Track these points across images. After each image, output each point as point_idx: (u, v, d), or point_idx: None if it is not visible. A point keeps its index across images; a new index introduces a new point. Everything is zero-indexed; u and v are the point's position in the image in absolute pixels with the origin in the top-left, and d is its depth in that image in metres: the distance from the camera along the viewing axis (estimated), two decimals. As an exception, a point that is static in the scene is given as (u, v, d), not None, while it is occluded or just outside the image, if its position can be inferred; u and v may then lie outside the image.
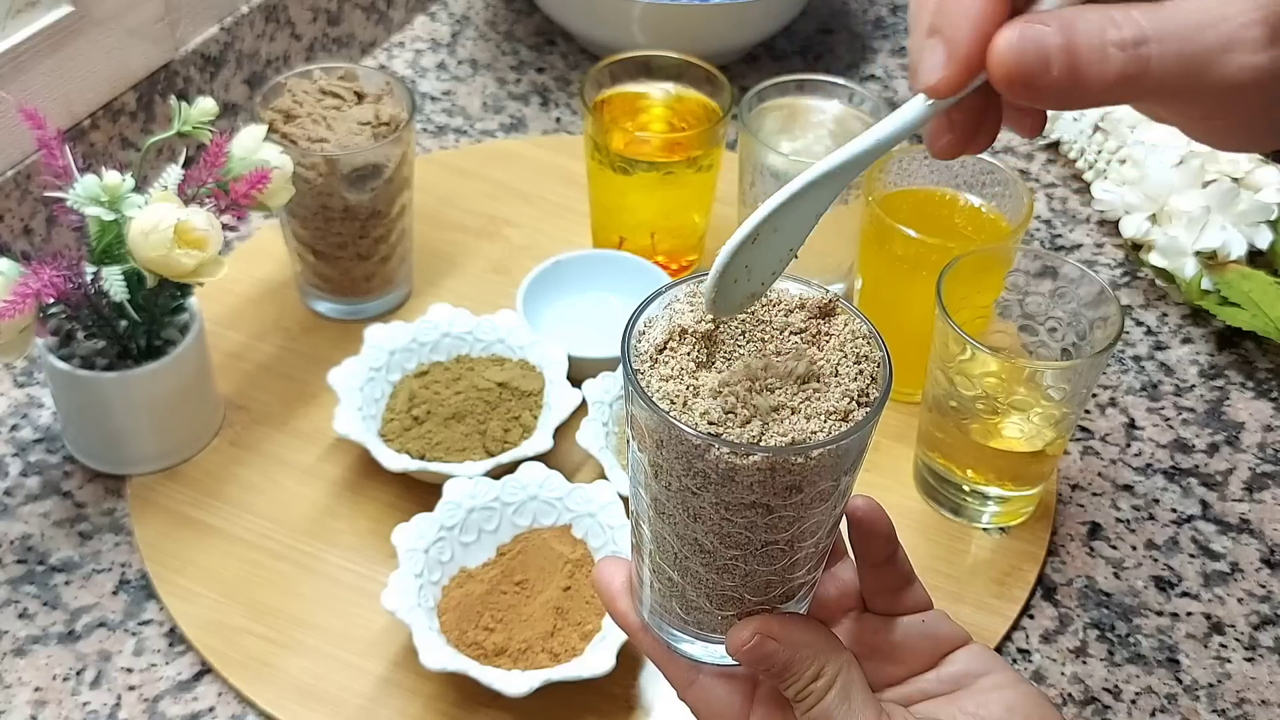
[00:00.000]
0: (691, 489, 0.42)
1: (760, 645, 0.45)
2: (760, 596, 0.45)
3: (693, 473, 0.41)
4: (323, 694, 0.67)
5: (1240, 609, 0.74)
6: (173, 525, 0.74)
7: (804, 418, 0.41)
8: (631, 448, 0.44)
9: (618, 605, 0.50)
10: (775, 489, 0.41)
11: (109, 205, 0.68)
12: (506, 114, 1.06)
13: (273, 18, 0.99)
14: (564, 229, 0.94)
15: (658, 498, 0.44)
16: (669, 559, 0.45)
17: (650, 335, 0.44)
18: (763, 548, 0.43)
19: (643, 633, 0.50)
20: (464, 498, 0.70)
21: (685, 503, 0.42)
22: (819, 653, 0.46)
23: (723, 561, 0.44)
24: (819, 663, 0.46)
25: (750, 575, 0.44)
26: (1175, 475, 0.81)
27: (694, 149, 0.83)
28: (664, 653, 0.49)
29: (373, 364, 0.78)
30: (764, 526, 0.42)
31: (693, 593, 0.46)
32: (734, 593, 0.45)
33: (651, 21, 1.01)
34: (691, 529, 0.43)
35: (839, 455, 0.41)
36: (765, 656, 0.45)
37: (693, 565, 0.45)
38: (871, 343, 0.44)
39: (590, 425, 0.75)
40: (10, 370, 0.82)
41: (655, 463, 0.42)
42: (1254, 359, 0.89)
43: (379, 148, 0.79)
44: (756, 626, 0.45)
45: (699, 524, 0.43)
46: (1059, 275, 0.73)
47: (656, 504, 0.44)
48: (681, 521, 0.43)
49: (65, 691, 0.67)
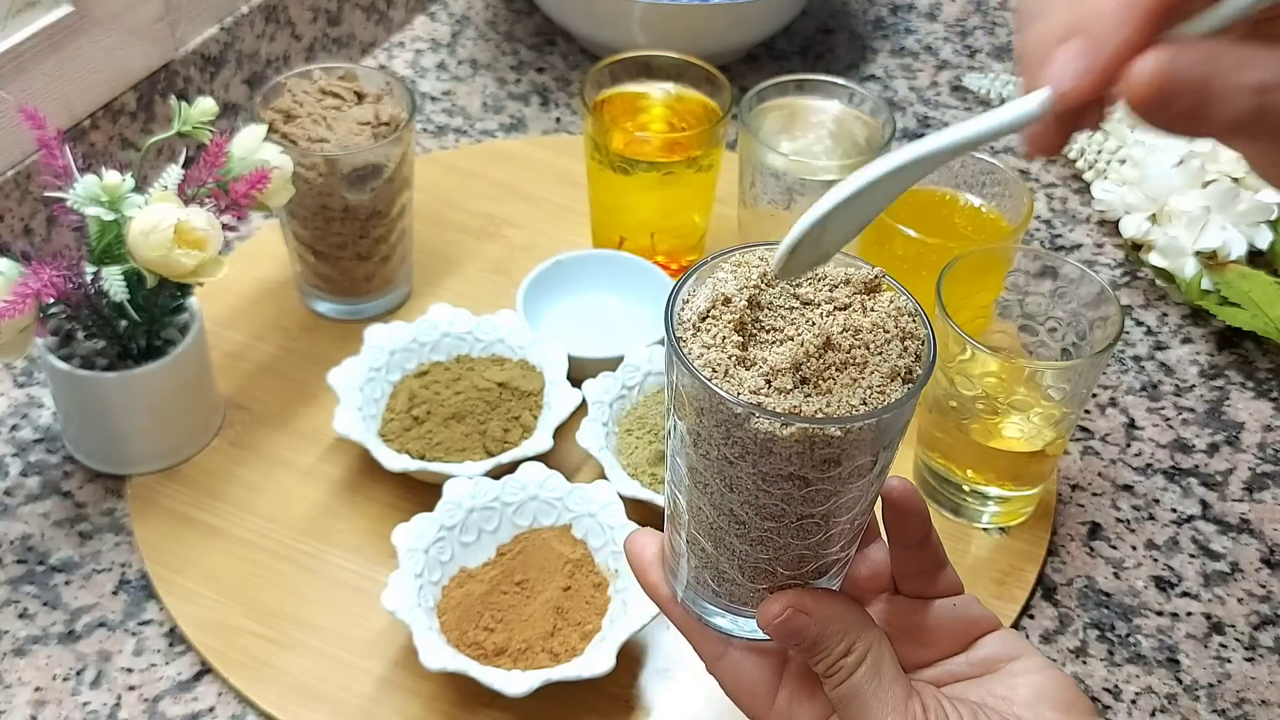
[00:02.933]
0: (729, 458, 0.42)
1: (792, 619, 0.45)
2: (793, 571, 0.45)
3: (731, 442, 0.41)
4: (323, 694, 0.67)
5: (1240, 609, 0.74)
6: (173, 525, 0.74)
7: (846, 391, 0.41)
8: (670, 417, 0.44)
9: (649, 576, 0.50)
10: (813, 461, 0.41)
11: (109, 205, 0.68)
12: (506, 114, 1.06)
13: (273, 18, 0.99)
14: (564, 229, 0.94)
15: (695, 467, 0.44)
16: (704, 530, 0.45)
17: (694, 304, 0.43)
18: (798, 521, 0.43)
19: (673, 605, 0.50)
20: (464, 498, 0.70)
21: (722, 472, 0.42)
22: (850, 628, 0.46)
23: (757, 534, 0.44)
24: (850, 638, 0.46)
25: (784, 549, 0.44)
26: (1175, 475, 0.81)
27: (694, 149, 0.83)
28: (694, 625, 0.49)
29: (373, 364, 0.78)
30: (800, 499, 0.42)
31: (726, 565, 0.46)
32: (767, 566, 0.45)
33: (651, 21, 1.01)
34: (727, 499, 0.43)
35: (878, 430, 0.41)
36: (796, 631, 0.46)
37: (727, 537, 0.45)
38: (916, 320, 0.43)
39: (590, 425, 0.75)
40: (10, 370, 0.82)
41: (694, 431, 0.42)
42: (1254, 359, 0.89)
43: (379, 148, 0.79)
44: (788, 600, 0.45)
45: (735, 494, 0.43)
46: (1059, 275, 0.73)
47: (693, 473, 0.44)
48: (718, 491, 0.43)
49: (65, 691, 0.67)
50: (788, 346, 0.42)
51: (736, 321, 0.42)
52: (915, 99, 1.09)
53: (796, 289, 0.44)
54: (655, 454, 0.75)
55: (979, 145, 0.39)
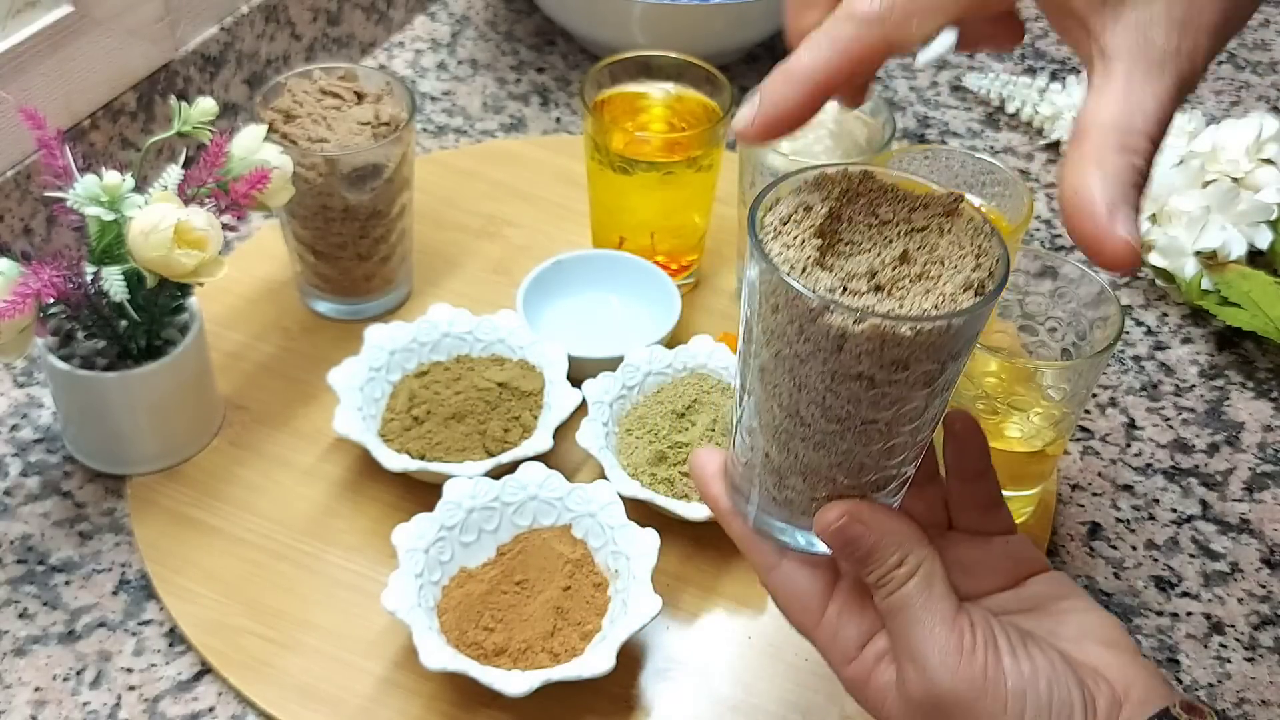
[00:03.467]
0: (801, 355, 0.43)
1: (848, 526, 0.47)
2: (853, 480, 0.46)
3: (804, 338, 0.42)
4: (323, 694, 0.67)
5: (1240, 609, 0.74)
6: (173, 525, 0.74)
7: (919, 298, 0.42)
8: (744, 317, 0.46)
9: (710, 489, 0.52)
10: (882, 362, 0.42)
11: (109, 205, 0.68)
12: (506, 114, 1.06)
13: (273, 18, 0.99)
14: (564, 229, 0.94)
15: (765, 366, 0.45)
16: (769, 431, 0.46)
17: (777, 210, 0.45)
18: (862, 425, 0.44)
19: (732, 516, 0.51)
20: (464, 498, 0.70)
21: (793, 371, 0.44)
22: (905, 540, 0.47)
23: (821, 436, 0.45)
24: (903, 550, 0.47)
25: (847, 455, 0.45)
26: (1175, 475, 0.81)
27: (694, 149, 0.83)
28: (751, 537, 0.50)
29: (373, 364, 0.78)
30: (867, 402, 0.43)
31: (788, 471, 0.47)
32: (829, 473, 0.46)
33: (651, 21, 1.01)
34: (795, 399, 0.44)
35: (948, 336, 0.42)
36: (852, 539, 0.47)
37: (792, 441, 0.46)
38: (992, 240, 0.45)
39: (590, 425, 0.75)
40: (10, 370, 0.82)
41: (768, 329, 0.44)
42: (1254, 359, 0.89)
43: (379, 148, 0.79)
44: (846, 508, 0.47)
45: (803, 394, 0.44)
46: (1059, 275, 0.73)
47: (764, 373, 0.45)
48: (786, 391, 0.44)
49: (65, 691, 0.67)
50: (864, 256, 0.43)
51: (817, 229, 0.44)
52: (915, 99, 1.09)
53: (876, 208, 0.45)
54: (655, 454, 0.75)
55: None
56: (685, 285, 0.89)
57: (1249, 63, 1.17)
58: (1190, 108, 1.08)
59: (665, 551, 0.69)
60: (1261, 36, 1.20)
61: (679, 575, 0.73)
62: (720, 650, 0.70)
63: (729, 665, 0.69)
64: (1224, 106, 1.11)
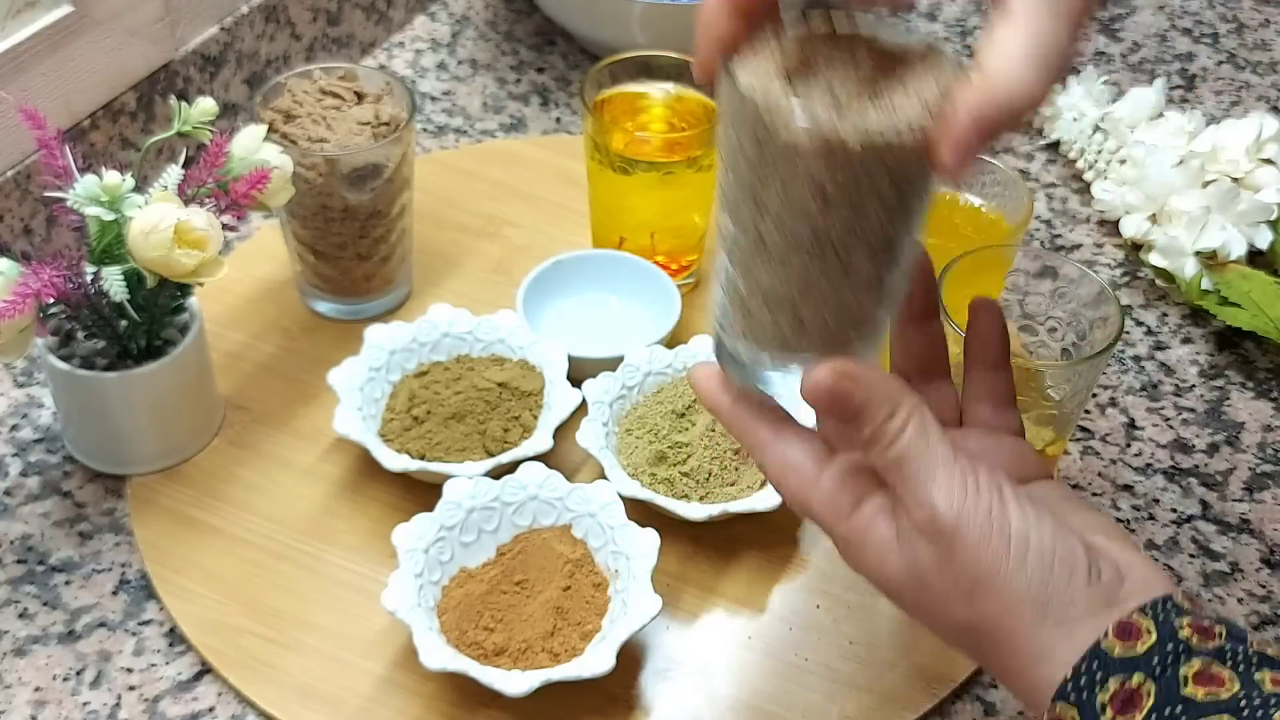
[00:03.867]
0: (761, 176, 0.44)
1: (836, 384, 0.47)
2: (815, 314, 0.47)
3: (763, 158, 0.44)
4: (323, 694, 0.67)
5: (1240, 609, 0.74)
6: (173, 525, 0.74)
7: (874, 115, 0.43)
8: (720, 161, 0.47)
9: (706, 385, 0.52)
10: (834, 179, 0.43)
11: (109, 205, 0.68)
12: (506, 114, 1.06)
13: (273, 18, 0.99)
14: (564, 229, 0.94)
15: (728, 188, 0.46)
16: (733, 258, 0.48)
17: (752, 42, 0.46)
18: (818, 249, 0.45)
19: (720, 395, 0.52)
20: (464, 498, 0.70)
21: (752, 190, 0.45)
22: (893, 393, 0.48)
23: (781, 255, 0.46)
24: (893, 403, 0.47)
25: (807, 282, 0.46)
26: (1175, 475, 0.81)
27: (694, 149, 0.83)
28: (744, 419, 0.51)
29: (373, 364, 0.78)
30: (821, 219, 0.44)
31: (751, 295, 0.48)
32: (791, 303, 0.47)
33: (651, 21, 1.01)
34: (755, 219, 0.46)
35: (896, 155, 0.43)
36: (841, 396, 0.47)
37: (762, 275, 0.47)
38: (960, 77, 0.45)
39: (590, 425, 0.75)
40: (10, 370, 0.82)
41: (731, 152, 0.45)
42: (1254, 359, 0.89)
43: (379, 148, 0.79)
44: (833, 366, 0.47)
45: (765, 219, 0.45)
46: (1059, 275, 0.73)
47: (727, 197, 0.47)
48: (747, 211, 0.46)
49: (65, 691, 0.67)
50: (828, 79, 0.44)
51: (786, 55, 0.45)
52: (915, 99, 1.09)
53: (854, 51, 0.46)
54: (655, 454, 0.75)
55: None
56: (685, 285, 0.89)
57: (1249, 63, 1.16)
58: (1190, 108, 1.08)
59: (665, 551, 0.69)
60: (1261, 36, 1.20)
61: (679, 575, 0.73)
62: (720, 650, 0.70)
63: (729, 665, 0.69)
64: (1224, 106, 1.11)
